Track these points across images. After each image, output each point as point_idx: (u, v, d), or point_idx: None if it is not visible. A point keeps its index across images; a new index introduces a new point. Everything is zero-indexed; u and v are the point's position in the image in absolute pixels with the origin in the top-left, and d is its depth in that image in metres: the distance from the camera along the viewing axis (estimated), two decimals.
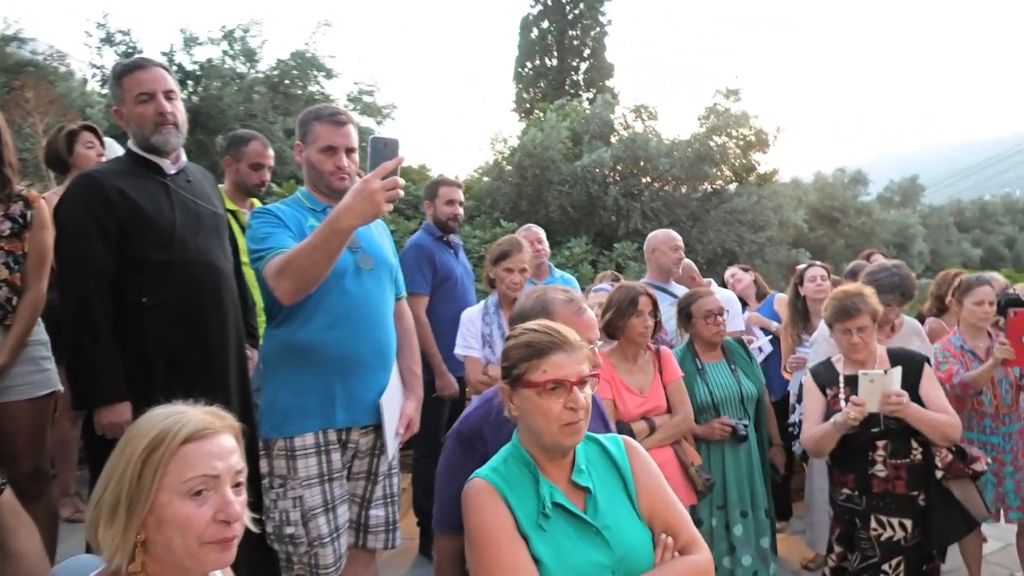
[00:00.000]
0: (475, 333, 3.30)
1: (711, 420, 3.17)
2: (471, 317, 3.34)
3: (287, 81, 13.56)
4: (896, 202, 36.86)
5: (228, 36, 13.17)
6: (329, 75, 14.30)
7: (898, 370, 2.62)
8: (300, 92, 13.37)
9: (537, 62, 26.49)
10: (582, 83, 25.95)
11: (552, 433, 1.44)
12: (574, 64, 26.09)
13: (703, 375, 3.27)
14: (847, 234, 22.75)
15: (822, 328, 3.42)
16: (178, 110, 2.39)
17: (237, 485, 1.22)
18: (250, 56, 13.53)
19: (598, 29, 26.00)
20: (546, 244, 4.36)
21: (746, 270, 5.18)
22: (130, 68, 2.37)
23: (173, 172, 2.40)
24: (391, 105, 15.72)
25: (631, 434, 2.62)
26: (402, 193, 1.94)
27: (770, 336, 4.43)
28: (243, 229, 2.89)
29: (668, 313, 3.59)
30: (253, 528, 1.28)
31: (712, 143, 16.77)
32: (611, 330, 2.98)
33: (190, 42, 12.90)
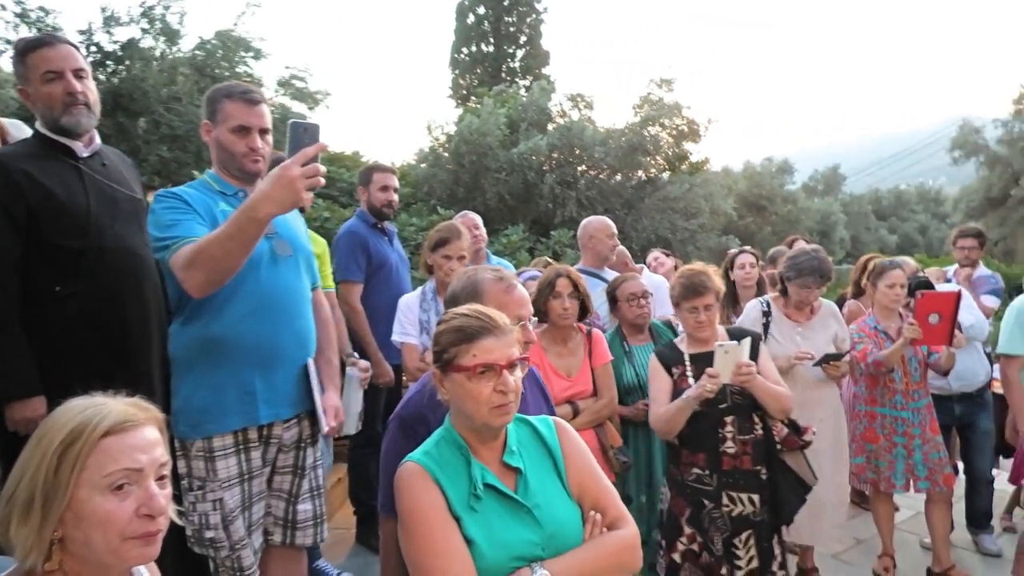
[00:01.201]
0: (412, 320, 3.28)
1: (637, 402, 3.25)
2: (408, 304, 3.32)
3: (212, 62, 13.03)
4: (819, 191, 38.47)
5: (147, 14, 12.56)
6: (258, 56, 13.81)
7: (747, 341, 2.67)
8: (227, 74, 12.86)
9: (473, 48, 26.34)
10: (519, 70, 25.96)
11: (483, 416, 1.46)
12: (510, 51, 26.07)
13: (630, 358, 3.34)
14: (774, 221, 23.63)
15: (747, 311, 3.56)
16: (89, 89, 2.25)
17: (161, 478, 1.19)
18: (172, 36, 12.94)
19: (534, 16, 26.03)
20: (483, 230, 4.35)
21: (667, 255, 5.30)
22: (35, 45, 2.22)
23: (86, 155, 2.27)
24: (324, 91, 15.33)
25: None
26: (323, 181, 1.85)
27: None
28: None
29: (602, 299, 3.65)
30: (178, 521, 1.24)
31: (646, 132, 17.08)
32: (537, 313, 3.03)
33: (110, 21, 12.23)
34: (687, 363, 2.80)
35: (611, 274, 4.02)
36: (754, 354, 2.76)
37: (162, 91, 11.95)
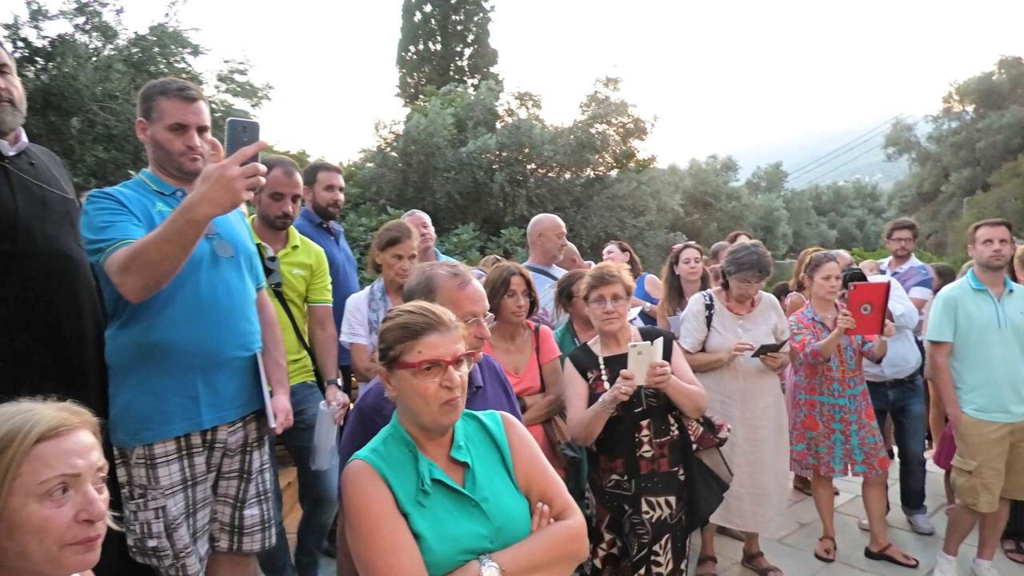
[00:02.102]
0: (361, 320, 3.25)
1: None
2: (357, 304, 3.28)
3: (148, 59, 12.59)
4: (763, 188, 39.45)
5: (82, 9, 12.07)
6: (195, 51, 13.41)
7: (660, 341, 2.62)
8: (165, 71, 12.46)
9: (421, 46, 26.19)
10: (467, 69, 25.93)
11: (429, 412, 1.46)
12: (458, 49, 26.01)
13: None
14: (719, 217, 24.16)
15: (691, 304, 3.64)
16: (13, 86, 2.15)
17: (98, 482, 1.16)
18: (106, 31, 12.47)
19: (481, 15, 26.02)
20: (431, 229, 4.34)
21: (624, 249, 5.38)
22: None
23: (12, 154, 2.17)
24: (267, 86, 14.98)
25: None
26: (263, 180, 1.80)
27: (640, 312, 4.61)
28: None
29: (549, 296, 3.68)
30: (115, 527, 1.21)
31: (594, 130, 17.27)
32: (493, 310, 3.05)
33: (38, 15, 11.70)
34: (601, 367, 2.74)
35: (560, 271, 4.06)
36: (667, 354, 2.71)
37: (96, 89, 11.50)
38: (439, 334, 1.47)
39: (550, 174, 17.51)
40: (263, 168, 1.82)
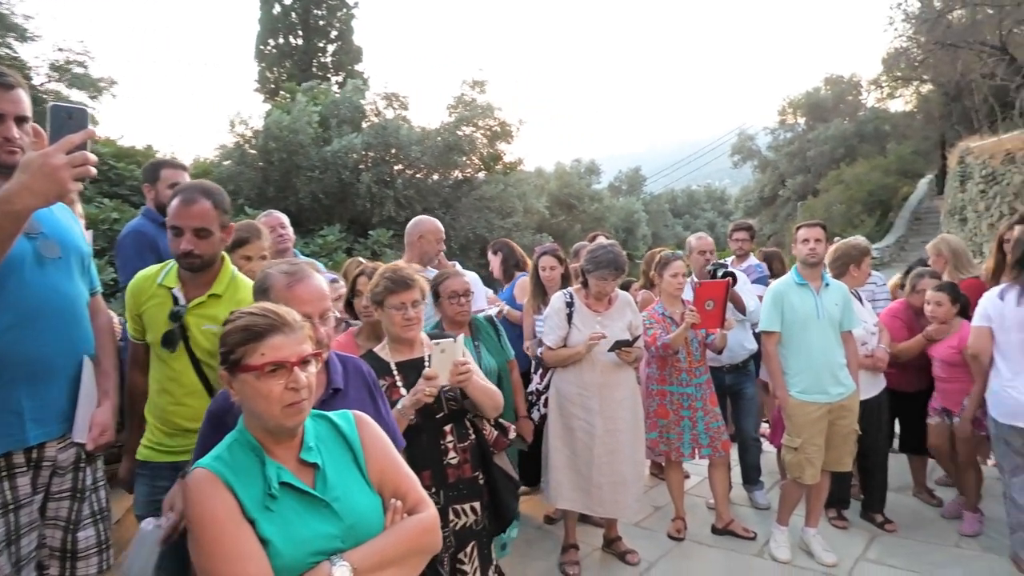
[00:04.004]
0: None
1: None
2: None
3: None
4: (624, 191, 41.40)
5: None
6: (23, 37, 12.15)
7: (462, 338, 2.53)
8: None
9: (281, 40, 25.15)
10: (330, 65, 25.21)
11: (274, 415, 1.43)
12: (321, 45, 25.24)
13: None
14: (583, 219, 25.07)
15: (552, 302, 3.77)
16: None
17: None
18: None
19: (345, 11, 25.40)
20: (290, 230, 4.20)
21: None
22: None
23: None
24: (109, 78, 13.83)
25: None
26: (93, 171, 1.67)
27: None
28: None
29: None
30: None
31: (461, 133, 17.39)
32: (352, 311, 3.02)
33: None
34: (395, 372, 2.57)
35: (432, 273, 4.07)
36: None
37: None
38: (283, 335, 1.45)
39: (418, 175, 17.43)
40: (93, 158, 1.69)
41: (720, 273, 4.28)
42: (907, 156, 26.96)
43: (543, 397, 3.87)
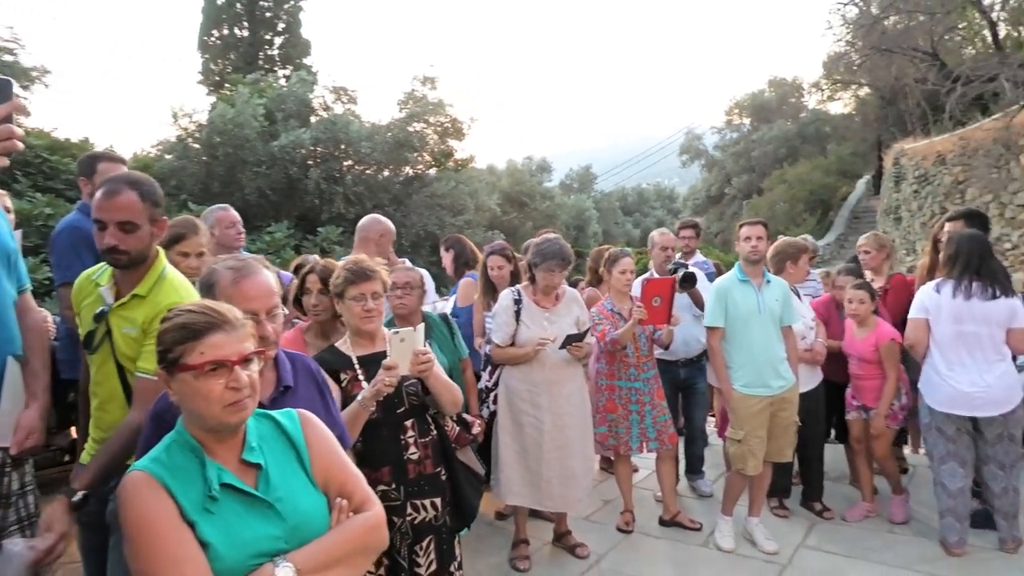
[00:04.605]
0: None
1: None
2: None
3: None
4: (575, 189, 41.69)
5: None
6: None
7: (422, 327, 2.50)
8: None
9: (226, 31, 24.46)
10: (277, 58, 24.64)
11: (215, 415, 1.40)
12: (267, 37, 24.64)
13: None
14: (535, 216, 25.14)
15: (500, 299, 3.78)
16: None
17: None
18: None
19: (292, 2, 24.85)
20: (239, 227, 4.12)
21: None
22: None
23: None
24: (42, 67, 13.24)
25: None
26: (20, 146, 1.58)
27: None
28: None
29: None
30: None
31: (411, 129, 17.24)
32: (301, 308, 2.98)
33: None
34: (356, 366, 2.54)
35: None
36: None
37: None
38: (223, 333, 1.41)
39: (368, 171, 17.21)
40: (18, 131, 1.60)
41: (681, 273, 4.35)
42: (846, 157, 27.91)
43: (492, 394, 3.88)
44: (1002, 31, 12.54)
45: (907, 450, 5.31)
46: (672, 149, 42.72)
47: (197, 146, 15.43)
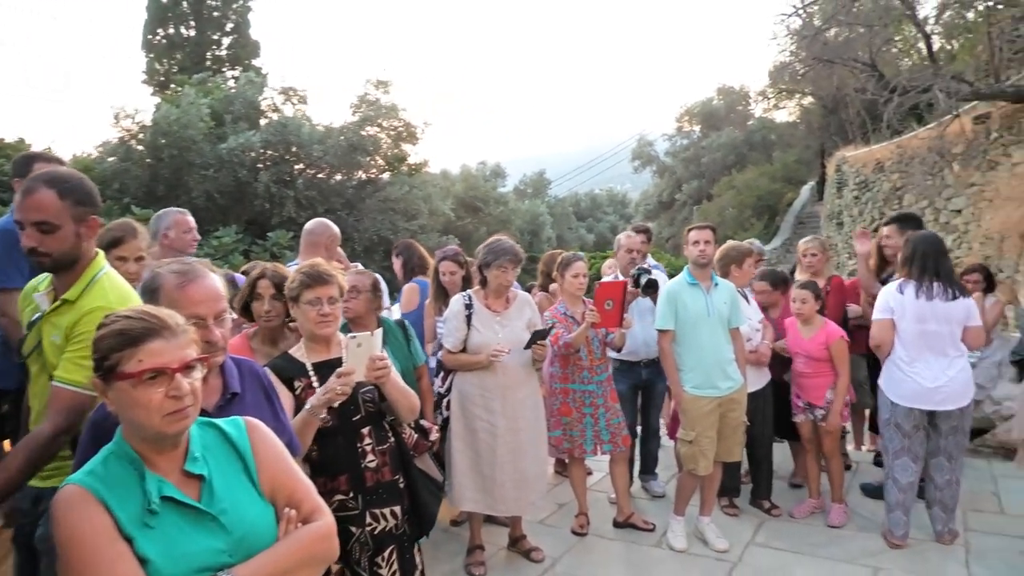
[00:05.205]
0: None
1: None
2: None
3: None
4: (529, 194, 41.88)
5: None
6: None
7: (380, 332, 2.43)
8: None
9: (171, 30, 23.84)
10: (226, 59, 24.12)
11: (154, 425, 1.35)
12: (215, 38, 24.10)
13: None
14: (489, 222, 25.18)
15: (452, 304, 3.76)
16: None
17: None
18: None
19: (241, 2, 24.37)
20: (196, 233, 4.01)
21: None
22: None
23: None
24: None
25: None
26: None
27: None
28: None
29: None
30: None
31: (364, 132, 17.08)
32: (248, 314, 2.90)
33: None
34: (311, 373, 2.48)
35: None
36: None
37: None
38: (163, 340, 1.36)
39: (320, 175, 16.99)
40: None
41: (644, 280, 4.39)
42: (791, 164, 28.79)
43: (445, 400, 3.86)
44: (936, 44, 13.11)
45: (850, 447, 5.48)
46: (624, 155, 43.31)
47: (141, 148, 14.99)
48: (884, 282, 4.60)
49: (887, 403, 3.91)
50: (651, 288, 4.39)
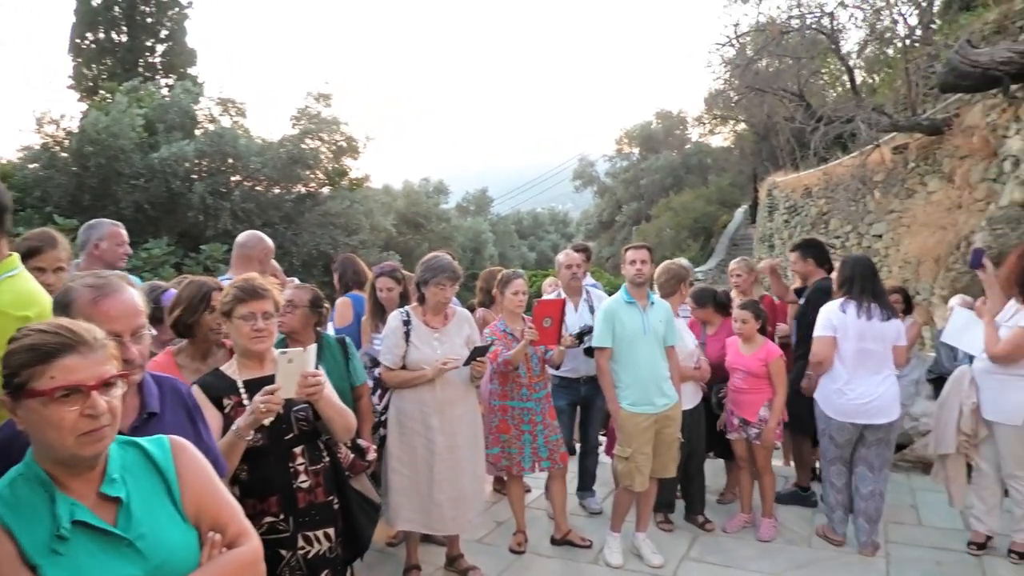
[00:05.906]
0: None
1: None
2: None
3: None
4: (471, 211, 41.92)
5: None
6: None
7: (313, 348, 2.36)
8: None
9: (101, 35, 22.97)
10: (159, 67, 23.39)
11: (67, 445, 1.28)
12: (149, 44, 23.35)
13: None
14: (431, 238, 25.04)
15: (389, 321, 3.72)
16: None
17: None
18: None
19: (177, 9, 23.72)
20: (128, 247, 3.86)
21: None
22: None
23: None
24: None
25: None
26: None
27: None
28: None
29: None
30: None
31: (305, 146, 16.82)
32: (182, 328, 2.77)
33: None
34: (242, 391, 2.40)
35: None
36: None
37: None
38: (79, 355, 1.29)
39: (258, 188, 16.59)
40: None
41: (587, 340, 4.34)
42: (726, 187, 29.78)
43: (383, 418, 3.80)
44: (859, 77, 13.85)
45: (778, 462, 5.64)
46: (566, 175, 43.96)
47: (66, 155, 14.36)
48: (799, 293, 4.91)
49: (823, 416, 4.11)
50: (586, 334, 4.41)
